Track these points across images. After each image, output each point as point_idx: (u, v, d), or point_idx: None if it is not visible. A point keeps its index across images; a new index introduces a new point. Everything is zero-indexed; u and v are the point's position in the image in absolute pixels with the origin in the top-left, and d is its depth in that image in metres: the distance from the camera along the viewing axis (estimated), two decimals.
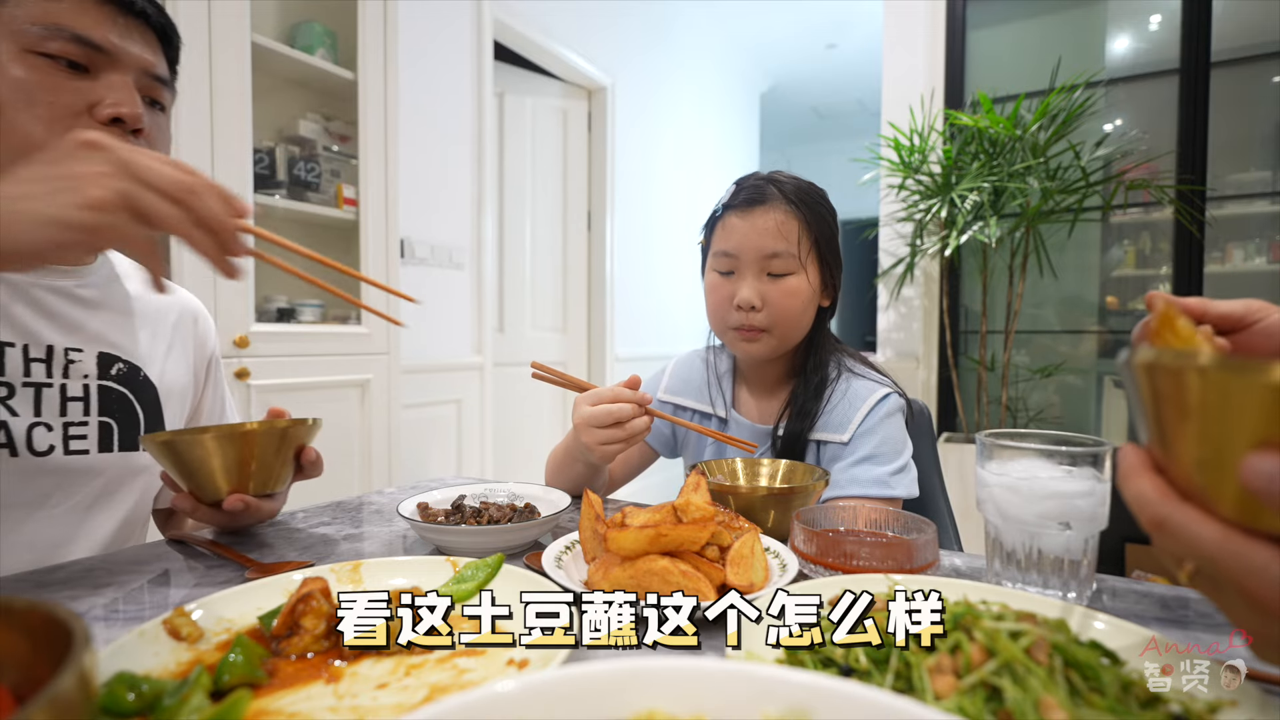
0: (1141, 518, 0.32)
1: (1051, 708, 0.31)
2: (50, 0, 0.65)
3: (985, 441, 0.59)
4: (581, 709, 0.26)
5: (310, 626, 0.45)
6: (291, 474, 0.75)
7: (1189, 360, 0.29)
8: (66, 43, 0.65)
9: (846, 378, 1.01)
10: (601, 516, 0.58)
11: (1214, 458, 0.29)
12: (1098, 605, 0.56)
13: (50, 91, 0.65)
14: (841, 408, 0.98)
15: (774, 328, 0.96)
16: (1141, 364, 0.31)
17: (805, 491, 0.73)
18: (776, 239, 0.95)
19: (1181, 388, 0.30)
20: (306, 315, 2.02)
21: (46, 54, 0.64)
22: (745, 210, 0.96)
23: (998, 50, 2.85)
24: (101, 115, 0.66)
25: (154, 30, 0.72)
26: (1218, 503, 0.29)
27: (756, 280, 0.96)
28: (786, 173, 1.01)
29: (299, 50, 1.96)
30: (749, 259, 0.96)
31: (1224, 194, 2.46)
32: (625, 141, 3.80)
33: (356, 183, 2.08)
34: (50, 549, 0.72)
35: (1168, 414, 0.31)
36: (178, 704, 0.36)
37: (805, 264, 0.96)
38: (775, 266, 0.96)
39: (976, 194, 2.38)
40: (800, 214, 0.96)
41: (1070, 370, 2.76)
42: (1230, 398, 0.28)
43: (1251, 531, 0.28)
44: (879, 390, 0.98)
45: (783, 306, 0.96)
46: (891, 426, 0.96)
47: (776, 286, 0.96)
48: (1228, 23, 2.40)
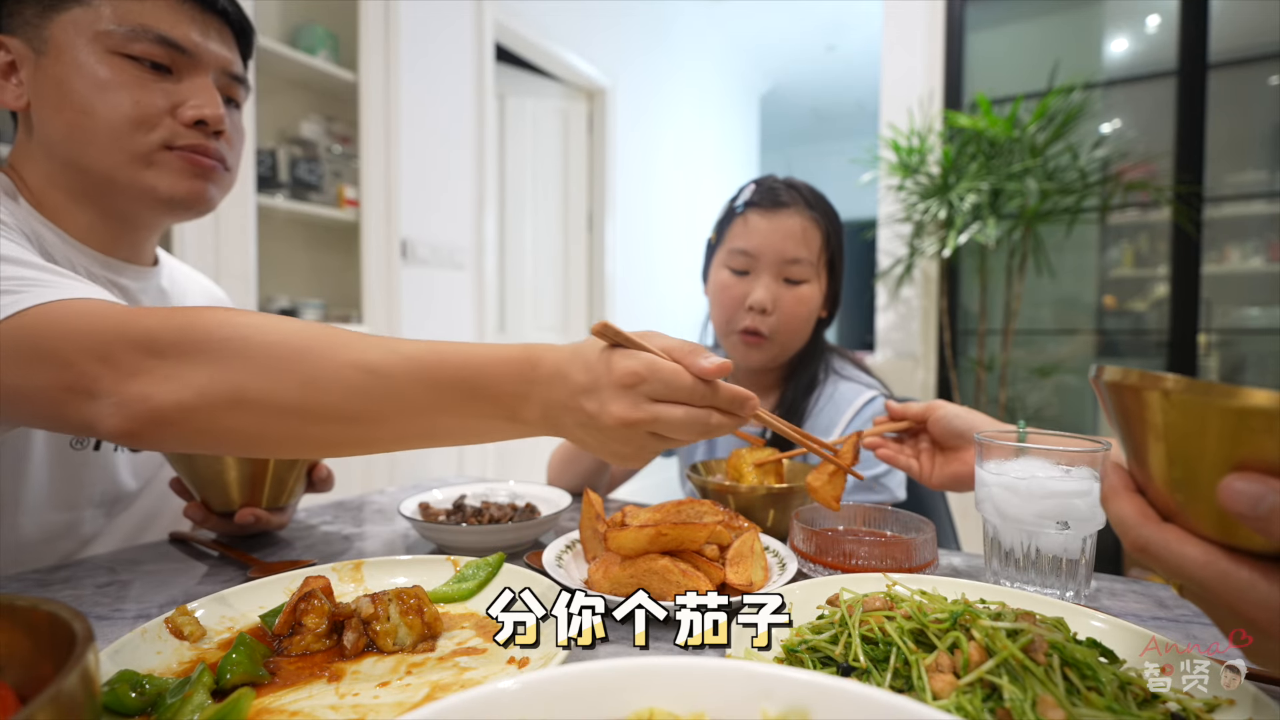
0: (1124, 540, 0.33)
1: (1050, 706, 0.32)
2: (132, 0, 0.65)
3: (984, 441, 0.59)
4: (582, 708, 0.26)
5: (312, 625, 0.45)
6: (303, 489, 0.75)
7: (1154, 383, 0.29)
8: (151, 44, 0.65)
9: (833, 380, 1.00)
10: (602, 516, 0.58)
11: (1187, 478, 0.29)
12: (1096, 604, 0.56)
13: (135, 92, 0.65)
14: (828, 411, 0.97)
15: (778, 334, 0.95)
16: (1109, 383, 0.31)
17: (805, 491, 0.73)
18: (799, 245, 0.94)
19: (1148, 409, 0.30)
20: (308, 314, 2.02)
21: (130, 55, 0.64)
22: (770, 211, 0.95)
23: (996, 52, 2.85)
24: (185, 118, 0.67)
25: (231, 27, 0.72)
26: (1197, 522, 0.29)
27: (773, 282, 0.94)
28: (802, 180, 1.00)
29: (301, 52, 1.96)
30: (768, 260, 0.94)
31: (1221, 195, 2.46)
32: (625, 143, 3.80)
33: (358, 183, 2.08)
34: (78, 544, 0.73)
35: (1140, 434, 0.31)
36: (180, 702, 0.36)
37: (819, 273, 0.96)
38: (793, 272, 0.94)
39: (975, 195, 2.39)
40: (821, 223, 0.95)
41: (1068, 370, 2.76)
42: (1196, 420, 0.28)
43: (1234, 551, 0.28)
44: (865, 392, 0.97)
45: (792, 314, 0.95)
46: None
47: (791, 292, 0.95)
48: (1225, 24, 2.40)
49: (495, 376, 0.49)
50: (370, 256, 2.06)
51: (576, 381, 0.48)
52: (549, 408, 0.49)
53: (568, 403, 0.48)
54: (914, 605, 0.41)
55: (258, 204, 1.79)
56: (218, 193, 0.73)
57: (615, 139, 3.70)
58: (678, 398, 0.47)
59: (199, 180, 0.70)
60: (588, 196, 3.71)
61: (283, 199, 1.91)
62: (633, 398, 0.46)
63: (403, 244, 2.44)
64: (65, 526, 0.71)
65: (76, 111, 0.64)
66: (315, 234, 2.15)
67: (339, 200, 2.07)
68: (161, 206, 0.69)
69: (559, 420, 0.50)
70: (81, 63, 0.63)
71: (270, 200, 1.87)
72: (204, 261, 1.64)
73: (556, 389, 0.48)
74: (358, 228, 2.06)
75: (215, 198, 0.73)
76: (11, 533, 0.67)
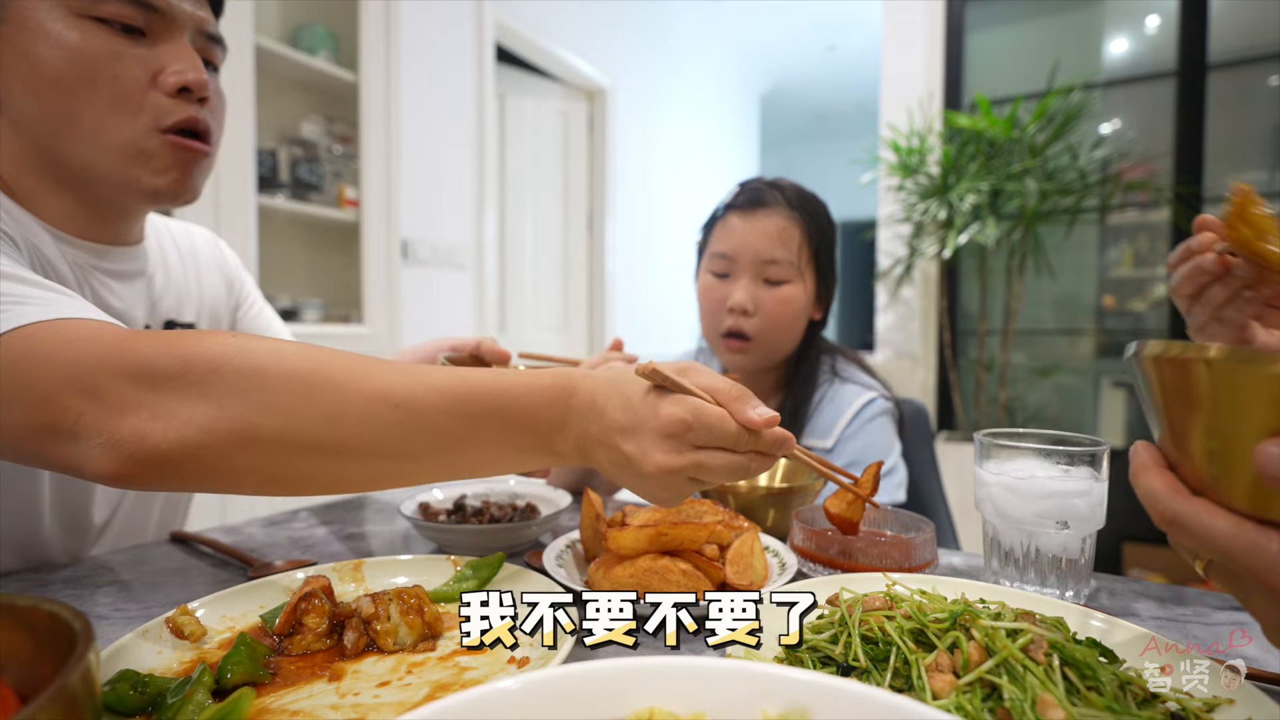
0: (1153, 514, 0.33)
1: (1049, 706, 0.32)
2: None
3: (983, 441, 0.59)
4: (582, 707, 0.26)
5: (312, 625, 0.45)
6: None
7: (1197, 352, 0.29)
8: (121, 3, 0.59)
9: (834, 382, 0.99)
10: (602, 515, 0.58)
11: (1224, 449, 0.30)
12: (1095, 604, 0.56)
13: (111, 62, 0.60)
14: (827, 412, 0.96)
15: (762, 336, 0.94)
16: (1149, 357, 0.32)
17: (805, 490, 0.73)
18: (776, 244, 0.93)
19: (1190, 380, 0.30)
20: (309, 315, 2.02)
21: (99, 18, 0.59)
22: (747, 212, 0.94)
23: (996, 52, 2.85)
24: (167, 86, 0.62)
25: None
26: (1230, 495, 0.30)
27: (752, 284, 0.94)
28: (790, 180, 0.99)
29: (301, 52, 1.97)
30: (746, 262, 0.94)
31: (1221, 195, 2.47)
32: (625, 143, 3.80)
33: (358, 184, 2.08)
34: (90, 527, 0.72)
35: (1177, 407, 0.31)
36: (181, 702, 0.36)
37: (803, 273, 0.94)
38: (772, 273, 0.93)
39: (975, 195, 2.39)
40: (802, 222, 0.94)
41: (1068, 370, 2.76)
42: (1238, 388, 0.28)
43: (1264, 523, 0.29)
44: (864, 394, 0.97)
45: (775, 315, 0.94)
46: (876, 430, 0.94)
47: (771, 294, 0.94)
48: (1225, 25, 2.40)
49: (531, 406, 0.46)
50: (370, 256, 2.07)
51: (614, 419, 0.45)
52: (584, 440, 0.47)
53: (603, 439, 0.46)
54: (914, 605, 0.41)
55: (258, 204, 1.79)
56: (202, 177, 0.69)
57: (615, 139, 3.70)
58: (722, 444, 0.45)
59: (185, 172, 0.66)
60: (588, 196, 3.71)
61: (283, 199, 1.92)
62: (677, 445, 0.44)
63: (403, 244, 2.44)
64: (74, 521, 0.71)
65: (50, 89, 0.59)
66: (316, 234, 2.15)
67: (339, 200, 2.07)
68: (146, 198, 0.66)
69: (592, 453, 0.47)
70: (48, 30, 0.58)
71: (271, 200, 1.87)
72: None
73: (592, 422, 0.46)
74: (358, 228, 2.06)
75: (200, 183, 0.69)
76: (26, 525, 0.66)
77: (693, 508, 0.59)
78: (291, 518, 0.83)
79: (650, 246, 4.09)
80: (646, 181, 4.03)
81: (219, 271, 0.88)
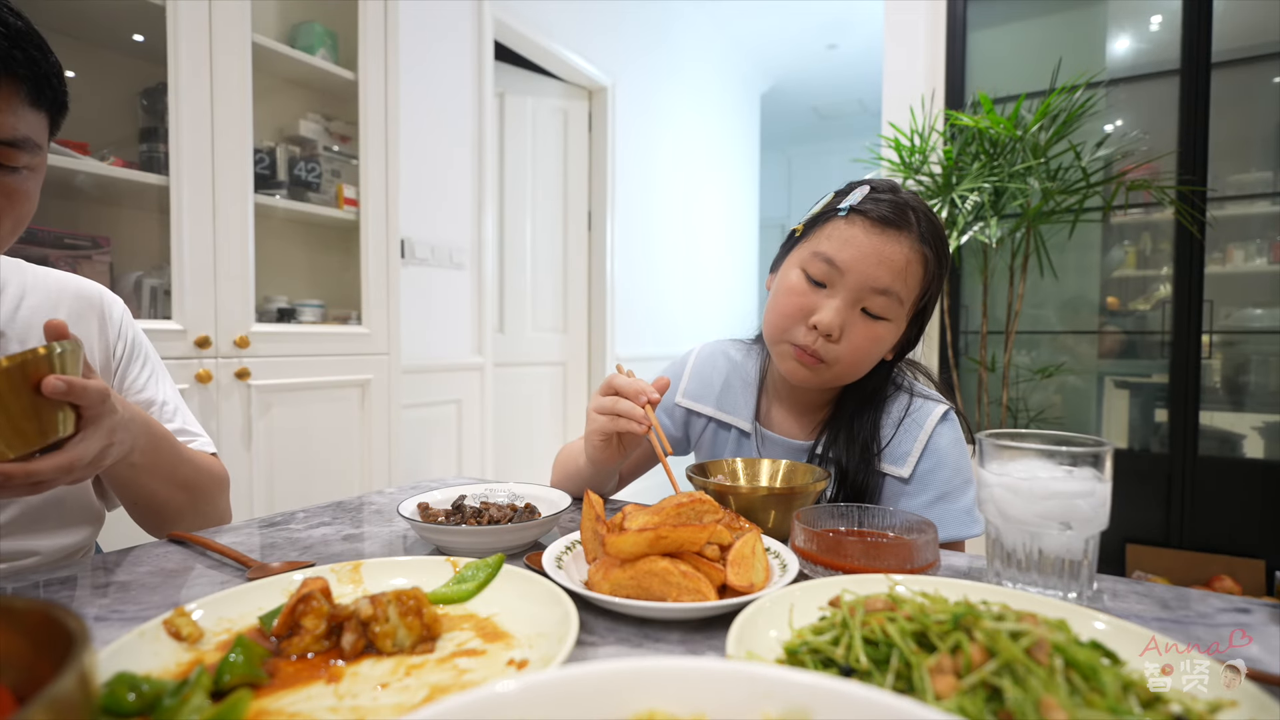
0: None
1: (1052, 708, 0.31)
2: None
3: (986, 442, 0.59)
4: (582, 709, 0.26)
5: (311, 626, 0.45)
6: (58, 419, 0.57)
7: None
8: None
9: (906, 397, 0.89)
10: (602, 517, 0.58)
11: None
12: (1098, 605, 0.56)
13: None
14: (911, 430, 0.87)
15: (837, 364, 0.83)
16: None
17: (806, 492, 0.73)
18: (896, 278, 0.80)
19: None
20: (307, 315, 2.02)
21: None
22: (879, 227, 0.80)
23: (998, 51, 2.84)
24: None
25: (20, 81, 0.61)
26: None
27: (847, 308, 0.81)
28: (922, 201, 0.85)
29: (299, 50, 1.96)
30: (854, 282, 0.80)
31: (1224, 194, 2.46)
32: (626, 142, 3.80)
33: (357, 183, 2.08)
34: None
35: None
36: (178, 704, 0.36)
37: (905, 316, 0.84)
38: (875, 305, 0.81)
39: (977, 194, 2.38)
40: (928, 260, 0.82)
41: (1071, 371, 2.76)
42: None
43: None
44: (936, 409, 0.87)
45: (859, 350, 0.82)
46: (958, 452, 0.86)
47: (865, 326, 0.82)
48: (1228, 23, 2.39)
49: None
50: (369, 256, 2.06)
51: None
52: None
53: None
54: (916, 606, 0.40)
55: (255, 203, 1.79)
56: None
57: (615, 138, 3.70)
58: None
59: None
60: (588, 196, 3.71)
61: (281, 198, 1.91)
62: None
63: (402, 244, 2.43)
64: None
65: None
66: (314, 234, 2.15)
67: (338, 200, 2.07)
68: None
69: None
70: None
71: (268, 200, 1.86)
72: (201, 262, 1.64)
73: None
74: (357, 227, 2.06)
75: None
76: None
77: (693, 507, 0.59)
78: (290, 519, 0.83)
79: (650, 246, 4.09)
80: (646, 181, 4.02)
81: (98, 324, 0.85)
